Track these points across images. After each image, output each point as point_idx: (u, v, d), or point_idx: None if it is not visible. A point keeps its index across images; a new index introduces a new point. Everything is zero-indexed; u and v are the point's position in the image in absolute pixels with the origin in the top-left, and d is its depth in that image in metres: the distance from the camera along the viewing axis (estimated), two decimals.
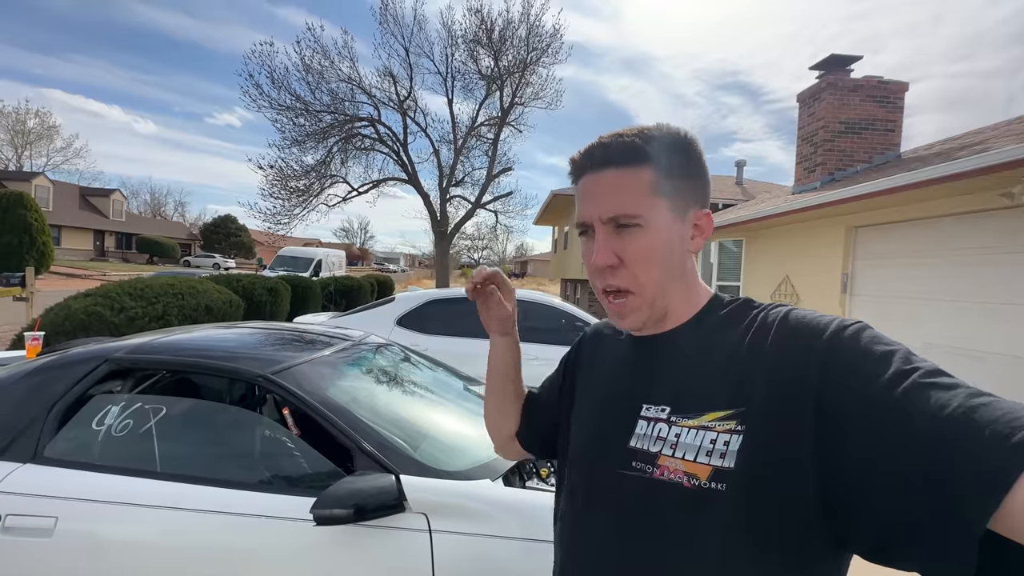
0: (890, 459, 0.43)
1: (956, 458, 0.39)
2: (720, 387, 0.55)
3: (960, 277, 4.35)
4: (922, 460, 0.41)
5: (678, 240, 0.61)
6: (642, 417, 0.60)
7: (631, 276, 0.60)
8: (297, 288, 9.06)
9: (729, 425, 0.52)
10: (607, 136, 0.62)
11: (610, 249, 0.60)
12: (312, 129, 13.44)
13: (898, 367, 0.46)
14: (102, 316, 4.73)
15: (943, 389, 0.43)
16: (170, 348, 1.67)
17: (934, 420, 0.41)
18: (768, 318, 0.58)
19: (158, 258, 36.34)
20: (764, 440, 0.50)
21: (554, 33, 13.88)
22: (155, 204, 55.38)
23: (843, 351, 0.49)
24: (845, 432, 0.46)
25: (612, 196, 0.59)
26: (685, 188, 0.61)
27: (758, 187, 14.18)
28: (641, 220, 0.59)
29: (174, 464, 1.45)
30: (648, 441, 0.58)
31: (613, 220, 0.59)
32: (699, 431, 0.54)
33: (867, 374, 0.46)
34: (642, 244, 0.59)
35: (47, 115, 41.17)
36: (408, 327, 4.36)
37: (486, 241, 28.21)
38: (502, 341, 0.84)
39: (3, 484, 1.34)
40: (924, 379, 0.44)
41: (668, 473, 0.55)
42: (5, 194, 19.93)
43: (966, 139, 5.38)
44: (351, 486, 1.27)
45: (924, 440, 0.41)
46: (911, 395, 0.43)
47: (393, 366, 2.13)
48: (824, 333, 0.52)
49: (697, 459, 0.53)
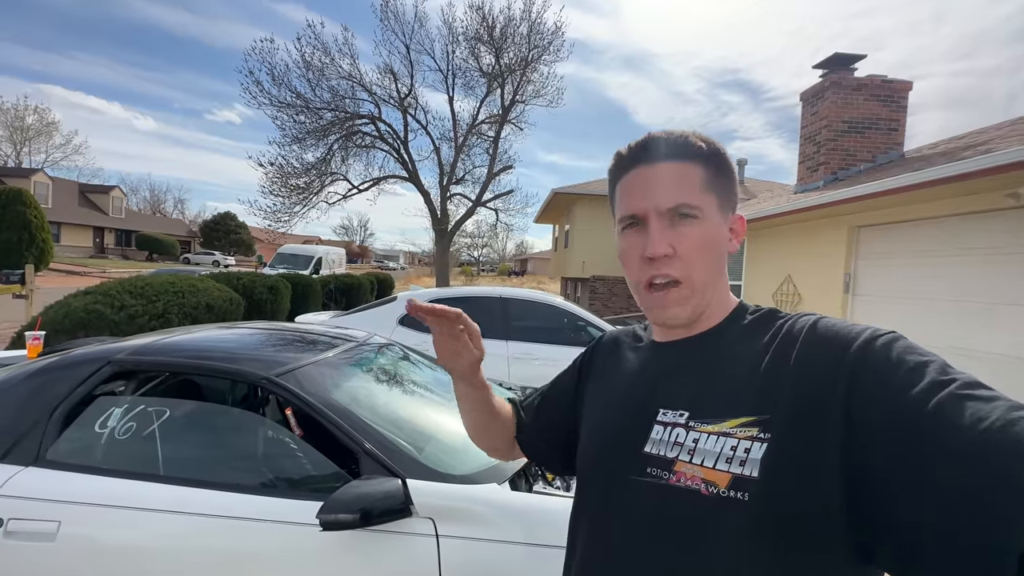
0: (922, 472, 0.41)
1: (993, 473, 0.38)
2: (743, 394, 0.54)
3: (964, 277, 4.34)
4: (957, 475, 0.39)
5: (724, 238, 0.63)
6: (658, 422, 0.59)
7: (684, 267, 0.60)
8: (297, 286, 9.04)
9: (751, 432, 0.51)
10: (658, 132, 0.64)
11: (666, 240, 0.60)
12: (312, 126, 13.40)
13: (933, 378, 0.44)
14: (102, 314, 4.71)
15: (981, 401, 0.41)
16: (173, 350, 1.66)
17: (970, 433, 0.39)
18: (796, 327, 0.57)
19: (158, 255, 36.29)
20: (790, 449, 0.49)
21: (555, 30, 13.83)
22: (155, 201, 55.31)
23: (874, 361, 0.48)
24: (875, 444, 0.44)
25: (671, 187, 0.60)
26: (727, 191, 0.63)
27: (759, 186, 14.15)
28: (699, 212, 0.60)
29: (178, 467, 1.44)
30: (664, 447, 0.57)
31: (672, 211, 0.60)
32: (719, 437, 0.53)
33: (899, 385, 0.45)
34: (698, 236, 0.60)
35: (46, 111, 41.12)
36: (411, 327, 4.34)
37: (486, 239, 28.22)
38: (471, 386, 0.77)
39: (5, 488, 1.32)
40: (960, 391, 0.42)
41: (685, 480, 0.54)
42: (4, 191, 19.89)
43: (970, 139, 5.36)
44: (357, 490, 1.26)
45: (959, 454, 0.39)
46: (946, 407, 0.41)
47: (396, 367, 2.12)
48: (855, 343, 0.50)
49: (716, 466, 0.52)
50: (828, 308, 5.77)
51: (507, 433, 0.85)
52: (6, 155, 39.15)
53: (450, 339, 0.72)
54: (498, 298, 4.51)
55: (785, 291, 6.74)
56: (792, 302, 6.55)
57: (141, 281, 5.37)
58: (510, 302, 4.54)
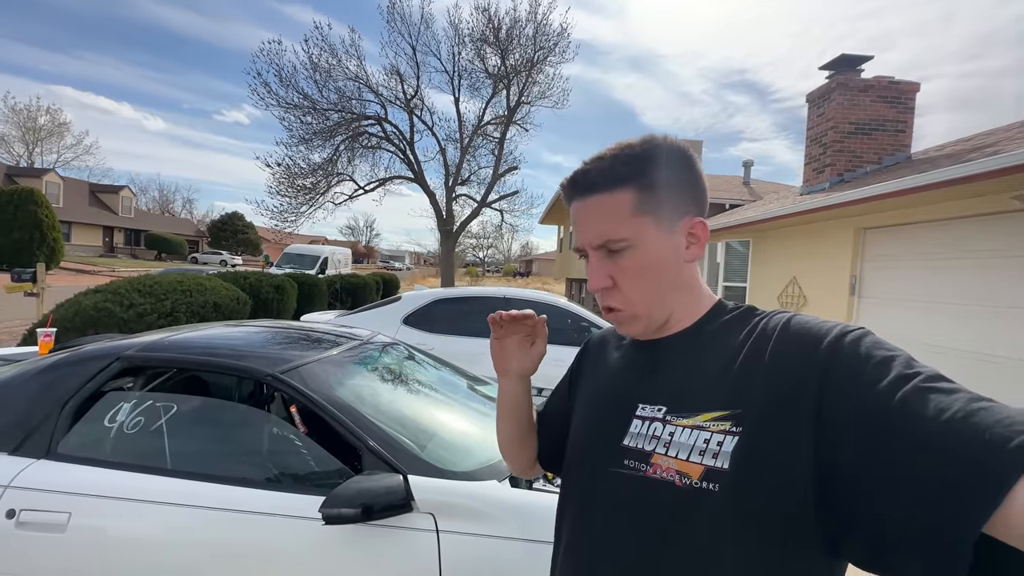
0: (888, 464, 0.43)
1: (954, 463, 0.39)
2: (717, 388, 0.56)
3: (970, 280, 4.31)
4: (919, 465, 0.41)
5: (671, 253, 0.62)
6: (637, 416, 0.61)
7: (623, 296, 0.62)
8: (303, 286, 9.11)
9: (724, 426, 0.53)
10: (590, 160, 0.63)
11: (603, 272, 0.62)
12: (319, 127, 13.49)
13: (898, 372, 0.46)
14: (111, 312, 4.78)
15: (943, 394, 0.43)
16: (181, 347, 1.69)
17: (933, 424, 0.41)
18: (770, 324, 0.58)
19: (166, 255, 36.64)
20: (761, 443, 0.50)
21: (561, 32, 13.85)
22: (163, 201, 55.81)
23: (843, 357, 0.50)
24: (844, 439, 0.46)
25: (598, 222, 0.61)
26: (673, 200, 0.61)
27: (765, 187, 14.09)
28: (628, 242, 0.60)
29: (184, 461, 1.47)
30: (643, 440, 0.59)
31: (602, 246, 0.61)
32: (693, 430, 0.55)
33: (867, 380, 0.46)
34: (633, 265, 0.61)
35: (58, 112, 41.63)
36: (415, 326, 4.38)
37: (491, 240, 28.23)
38: (521, 384, 0.80)
39: (18, 479, 1.36)
40: (924, 384, 0.44)
41: (661, 471, 0.55)
42: (17, 190, 20.18)
43: (977, 141, 5.32)
44: (359, 486, 1.28)
45: (922, 445, 0.41)
46: (911, 400, 0.43)
47: (400, 365, 2.14)
48: (825, 339, 0.52)
49: (690, 458, 0.53)
50: (834, 310, 5.74)
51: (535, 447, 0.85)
52: (18, 155, 39.68)
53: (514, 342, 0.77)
54: (502, 298, 4.53)
55: (790, 293, 6.71)
56: (797, 304, 6.52)
57: (150, 280, 5.44)
58: (514, 303, 4.57)
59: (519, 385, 0.79)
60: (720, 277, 8.46)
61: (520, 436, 0.82)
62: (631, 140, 0.62)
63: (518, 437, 0.82)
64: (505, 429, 0.83)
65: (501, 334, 0.76)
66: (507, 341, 0.77)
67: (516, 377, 0.78)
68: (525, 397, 0.80)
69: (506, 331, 0.76)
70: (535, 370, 0.79)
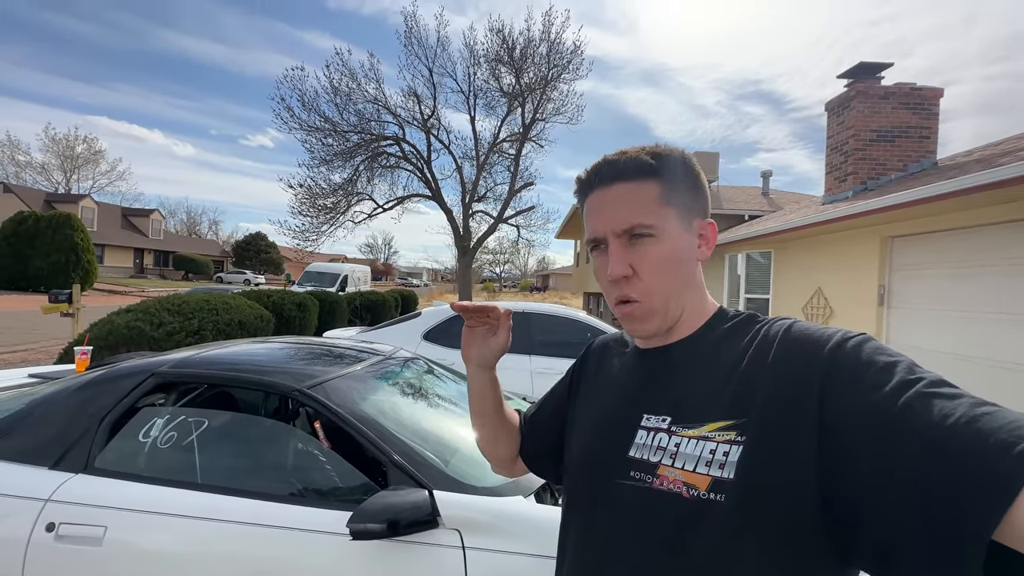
0: (892, 471, 0.42)
1: (960, 469, 0.39)
2: (721, 397, 0.55)
3: (1007, 288, 4.15)
4: (925, 471, 0.40)
5: (688, 250, 0.63)
6: (642, 427, 0.60)
7: (643, 286, 0.61)
8: (325, 303, 9.27)
9: (729, 436, 0.52)
10: (612, 155, 0.64)
11: (625, 261, 0.61)
12: (340, 148, 13.86)
13: (901, 378, 0.45)
14: (142, 331, 4.93)
15: (946, 399, 0.42)
16: (211, 363, 1.73)
17: (937, 430, 0.40)
18: (771, 331, 0.58)
19: (193, 275, 37.76)
20: (764, 452, 0.50)
21: (574, 49, 14.04)
22: (191, 223, 57.78)
23: (845, 364, 0.49)
24: (847, 445, 0.46)
25: (624, 208, 0.61)
26: (689, 200, 0.63)
27: (785, 197, 13.88)
28: (654, 230, 0.60)
29: (215, 476, 1.49)
30: (648, 451, 0.58)
31: (627, 232, 0.61)
32: (699, 441, 0.54)
33: (869, 386, 0.46)
34: (656, 254, 0.60)
35: (94, 140, 43.94)
36: (435, 342, 4.40)
37: (508, 255, 28.35)
38: (488, 375, 0.80)
39: (57, 493, 1.40)
40: (927, 389, 0.43)
41: (668, 483, 0.55)
42: (54, 215, 21.16)
43: (1008, 145, 5.17)
44: (384, 501, 1.28)
45: (927, 451, 0.41)
46: (914, 406, 0.43)
47: (422, 381, 2.15)
48: (826, 346, 0.52)
49: (696, 469, 0.53)
50: (862, 321, 5.57)
51: (514, 443, 0.85)
52: (57, 182, 41.71)
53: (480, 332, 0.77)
54: (521, 313, 4.53)
55: (815, 304, 6.55)
56: (824, 315, 6.35)
57: (178, 300, 5.61)
58: (533, 317, 4.56)
59: (480, 375, 0.80)
60: (742, 289, 8.31)
61: (490, 425, 0.82)
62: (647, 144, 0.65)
63: (487, 426, 0.83)
64: (474, 419, 0.83)
65: (471, 323, 0.77)
66: (476, 331, 0.78)
67: (475, 366, 0.79)
68: (489, 389, 0.80)
69: (474, 320, 0.77)
70: (494, 361, 0.79)
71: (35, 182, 40.27)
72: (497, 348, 0.77)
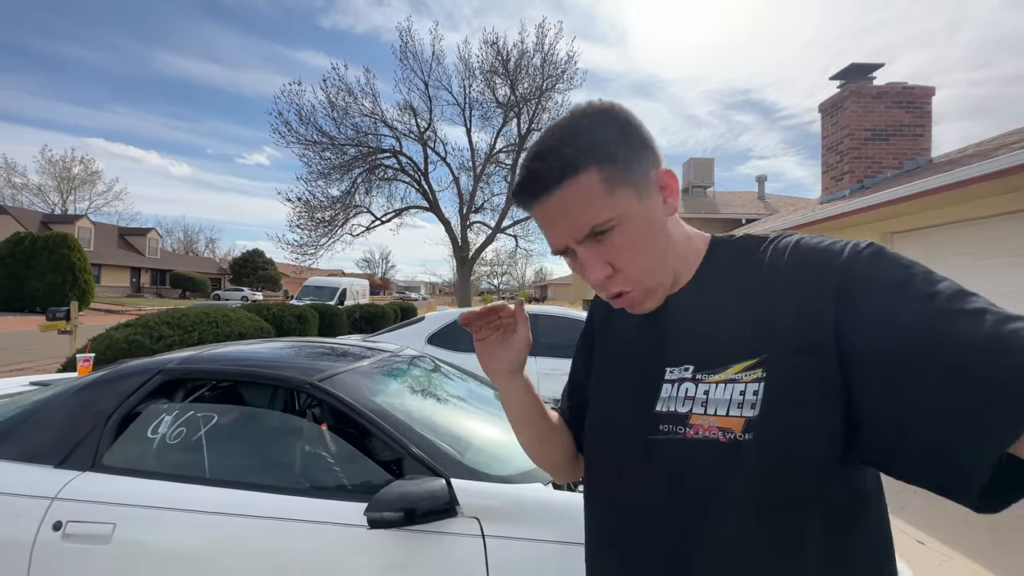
0: (917, 393, 0.42)
1: (984, 390, 0.39)
2: (740, 335, 0.54)
3: (1012, 278, 4.16)
4: (949, 393, 0.40)
5: (655, 217, 0.57)
6: (666, 381, 0.58)
7: (628, 277, 0.58)
8: (324, 315, 9.24)
9: (756, 374, 0.51)
10: (530, 160, 0.57)
11: (599, 261, 0.57)
12: (337, 162, 13.96)
13: (919, 293, 0.44)
14: (142, 344, 4.89)
15: (969, 317, 0.41)
16: (219, 359, 1.71)
17: (961, 350, 0.40)
18: (777, 250, 0.56)
19: (190, 293, 37.66)
20: (784, 384, 0.49)
21: (568, 60, 14.25)
22: (188, 241, 57.74)
23: (857, 285, 0.48)
24: (867, 379, 0.45)
25: (572, 214, 0.55)
26: (635, 161, 0.56)
27: (781, 201, 13.98)
28: (613, 220, 0.54)
29: (226, 471, 1.46)
30: (676, 403, 0.56)
31: (588, 236, 0.56)
32: (727, 385, 0.53)
33: (886, 313, 0.45)
34: (626, 241, 0.56)
35: (91, 162, 44.02)
36: (440, 345, 4.37)
37: (506, 266, 28.37)
38: (521, 381, 0.71)
39: (64, 492, 1.36)
40: (948, 306, 0.42)
41: (703, 431, 0.53)
42: (51, 236, 21.12)
43: (1001, 140, 5.23)
44: (401, 489, 1.25)
45: (950, 366, 0.40)
46: (936, 329, 0.42)
47: (429, 377, 2.12)
48: (836, 263, 0.50)
49: (729, 412, 0.52)
50: None
51: (567, 444, 0.77)
52: (54, 204, 41.74)
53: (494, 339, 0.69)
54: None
55: None
56: None
57: (178, 313, 5.58)
58: (538, 318, 4.54)
59: (512, 383, 0.71)
60: None
61: (539, 434, 0.74)
62: (558, 123, 0.57)
63: (538, 434, 0.74)
64: (521, 434, 0.75)
65: (481, 334, 0.68)
66: (490, 340, 0.69)
67: (507, 375, 0.70)
68: (526, 395, 0.72)
69: (484, 330, 0.68)
70: (522, 363, 0.70)
71: (32, 204, 40.34)
72: (520, 344, 0.68)
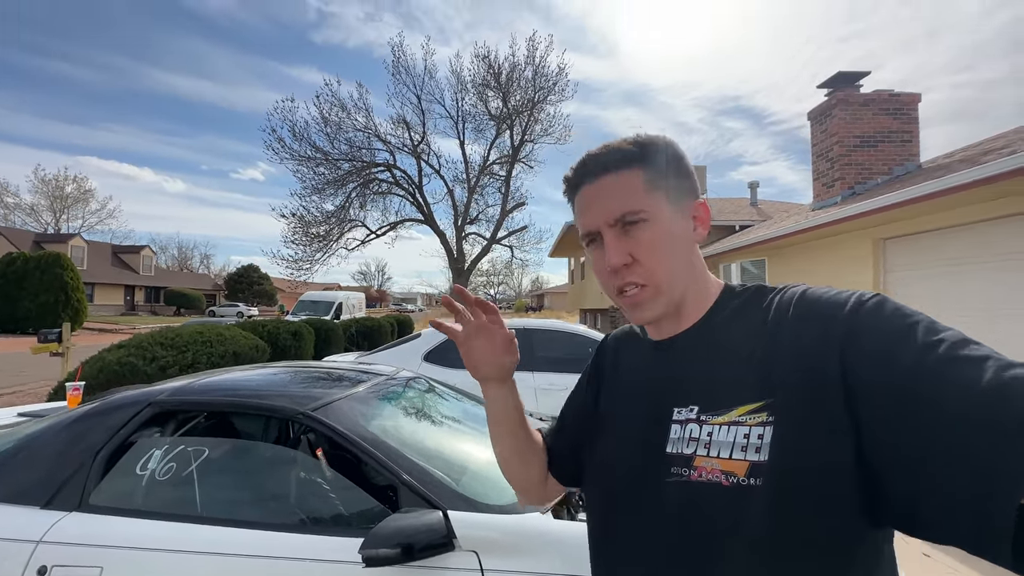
0: (921, 442, 0.42)
1: (989, 439, 0.39)
2: (745, 379, 0.54)
3: (1003, 283, 4.19)
4: (953, 442, 0.40)
5: (682, 231, 0.62)
6: (674, 421, 0.59)
7: (645, 271, 0.61)
8: (320, 331, 9.17)
9: (760, 417, 0.51)
10: (595, 149, 0.65)
11: (622, 249, 0.61)
12: (331, 177, 13.98)
13: (923, 341, 0.45)
14: (135, 366, 4.82)
15: (972, 364, 0.42)
16: (210, 389, 1.68)
17: (964, 399, 0.40)
18: (784, 300, 0.58)
19: (185, 309, 37.41)
20: (794, 429, 0.49)
21: (559, 72, 14.39)
22: (182, 258, 57.52)
23: (863, 332, 0.49)
24: (873, 417, 0.45)
25: (613, 198, 0.61)
26: (676, 183, 0.63)
27: (773, 207, 14.08)
28: (645, 214, 0.60)
29: (218, 507, 1.42)
30: (682, 444, 0.57)
31: (619, 220, 0.61)
32: (731, 427, 0.53)
33: (890, 354, 0.46)
34: (651, 237, 0.60)
35: (84, 180, 43.87)
36: (436, 362, 4.33)
37: (502, 276, 28.36)
38: (507, 388, 0.75)
39: (49, 534, 1.32)
40: (951, 352, 0.43)
41: (706, 474, 0.54)
42: (43, 255, 20.98)
43: (986, 145, 5.29)
44: (397, 524, 1.22)
45: (954, 421, 0.40)
46: (939, 373, 0.42)
47: (425, 400, 2.10)
48: (841, 311, 0.51)
49: (732, 456, 0.52)
50: None
51: (542, 463, 0.79)
52: (47, 223, 41.53)
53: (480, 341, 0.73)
54: (522, 329, 4.48)
55: None
56: None
57: (171, 333, 5.51)
58: (534, 333, 4.52)
59: (498, 390, 0.75)
60: None
61: (518, 448, 0.76)
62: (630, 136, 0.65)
63: (516, 448, 0.76)
64: (499, 443, 0.77)
65: (461, 337, 0.73)
66: (473, 343, 0.73)
67: (496, 381, 0.74)
68: (512, 404, 0.75)
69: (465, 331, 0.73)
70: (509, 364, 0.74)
71: (24, 223, 40.11)
72: (502, 341, 0.73)
